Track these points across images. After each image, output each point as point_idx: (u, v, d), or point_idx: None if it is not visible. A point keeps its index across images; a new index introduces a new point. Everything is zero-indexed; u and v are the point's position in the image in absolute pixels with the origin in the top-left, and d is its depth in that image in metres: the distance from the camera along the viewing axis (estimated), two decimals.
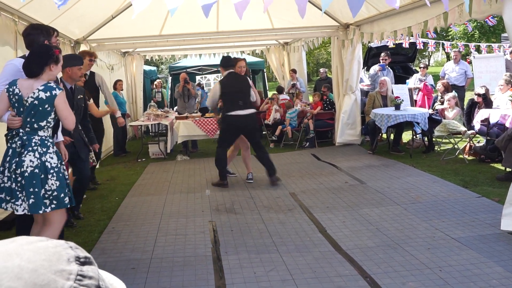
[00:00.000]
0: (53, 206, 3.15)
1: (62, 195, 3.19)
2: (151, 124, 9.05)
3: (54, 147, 3.26)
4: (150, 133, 10.20)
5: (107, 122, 8.17)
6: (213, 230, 4.33)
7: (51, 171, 3.14)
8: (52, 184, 3.13)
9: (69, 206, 3.30)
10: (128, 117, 9.83)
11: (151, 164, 7.85)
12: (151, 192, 5.88)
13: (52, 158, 3.16)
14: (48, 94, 3.09)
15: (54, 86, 3.12)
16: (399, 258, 3.50)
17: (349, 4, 2.60)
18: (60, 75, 4.26)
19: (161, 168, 7.45)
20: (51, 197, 3.14)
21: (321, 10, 7.29)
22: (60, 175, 3.20)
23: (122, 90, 9.06)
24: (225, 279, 3.26)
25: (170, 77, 14.53)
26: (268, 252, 3.74)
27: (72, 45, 7.00)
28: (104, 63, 9.00)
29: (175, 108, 10.19)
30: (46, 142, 3.18)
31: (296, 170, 6.78)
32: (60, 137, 3.74)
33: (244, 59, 6.26)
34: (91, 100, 5.46)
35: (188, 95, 9.23)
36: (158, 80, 13.97)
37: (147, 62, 14.62)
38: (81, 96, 4.61)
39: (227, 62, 6.09)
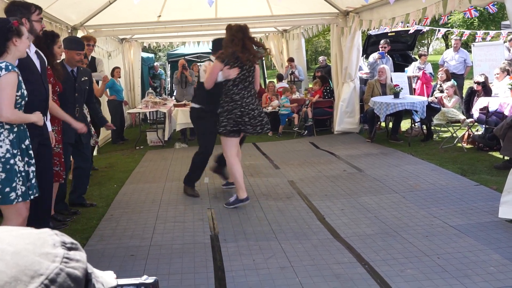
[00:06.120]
0: None
1: (8, 189, 2.81)
2: (149, 112, 9.01)
3: (11, 134, 2.86)
4: (148, 121, 10.15)
5: (105, 110, 8.14)
6: (212, 218, 4.34)
7: None
8: None
9: (16, 202, 2.87)
10: (126, 104, 9.79)
11: (149, 152, 7.84)
12: (150, 180, 5.87)
13: (0, 146, 2.80)
14: None
15: (2, 66, 2.71)
16: (397, 245, 3.51)
17: None
18: (61, 57, 4.25)
19: (159, 156, 7.44)
20: None
21: None
22: (8, 166, 2.80)
23: (119, 77, 9.01)
24: (224, 266, 3.27)
25: (169, 65, 14.46)
26: (267, 239, 3.75)
27: (69, 31, 6.93)
28: (102, 50, 8.93)
29: (174, 94, 10.24)
30: None
31: (295, 158, 6.78)
32: (49, 126, 3.60)
33: None
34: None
35: (186, 81, 9.39)
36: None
37: (144, 49, 14.51)
38: (86, 78, 4.53)
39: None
